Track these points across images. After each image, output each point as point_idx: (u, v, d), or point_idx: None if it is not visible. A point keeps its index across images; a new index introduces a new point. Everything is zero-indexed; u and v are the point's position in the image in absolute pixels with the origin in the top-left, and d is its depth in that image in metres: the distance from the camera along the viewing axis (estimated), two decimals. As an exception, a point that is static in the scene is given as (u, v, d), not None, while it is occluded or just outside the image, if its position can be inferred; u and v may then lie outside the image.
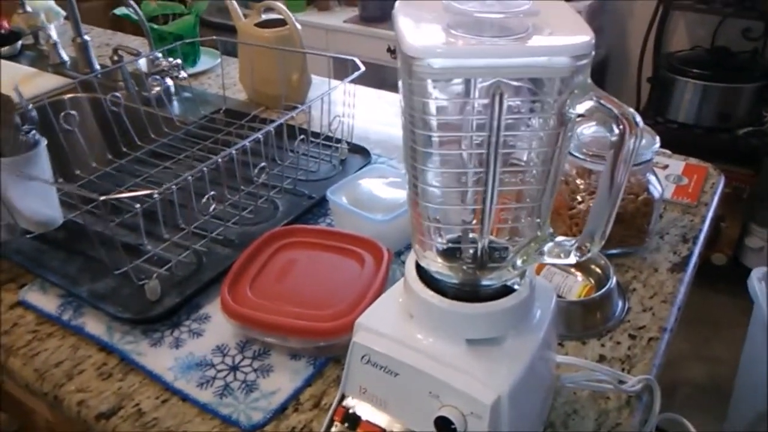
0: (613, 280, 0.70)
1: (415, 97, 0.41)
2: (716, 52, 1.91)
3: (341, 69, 0.96)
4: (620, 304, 0.71)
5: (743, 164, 1.85)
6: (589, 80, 0.40)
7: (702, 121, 1.85)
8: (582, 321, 0.68)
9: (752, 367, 1.32)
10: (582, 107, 0.40)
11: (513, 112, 0.41)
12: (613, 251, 0.77)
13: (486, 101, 0.39)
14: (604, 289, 0.69)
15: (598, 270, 0.73)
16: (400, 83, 0.43)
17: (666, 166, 0.97)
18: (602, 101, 0.39)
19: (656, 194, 0.76)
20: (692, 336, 1.86)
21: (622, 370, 0.63)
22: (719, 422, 1.45)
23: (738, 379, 1.38)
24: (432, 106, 0.42)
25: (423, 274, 0.49)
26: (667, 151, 1.00)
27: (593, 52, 0.39)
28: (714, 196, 0.91)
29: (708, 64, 1.84)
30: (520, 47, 0.39)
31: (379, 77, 2.27)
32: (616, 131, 0.39)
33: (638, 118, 0.38)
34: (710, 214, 0.87)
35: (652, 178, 0.77)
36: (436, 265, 0.48)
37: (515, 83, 0.40)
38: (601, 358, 0.65)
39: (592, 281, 0.72)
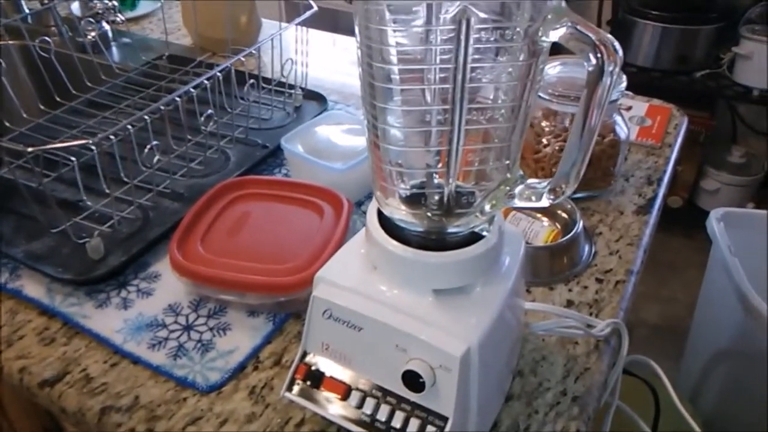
0: (580, 224, 0.68)
1: (372, 26, 0.37)
2: (675, -6, 1.89)
3: (293, 14, 0.90)
4: (587, 248, 0.70)
5: (700, 107, 1.86)
6: (564, 3, 0.36)
7: (660, 64, 1.84)
8: (549, 266, 0.66)
9: (710, 305, 1.35)
10: (556, 34, 0.36)
11: (480, 42, 0.37)
12: (579, 195, 0.76)
13: (452, 27, 0.35)
14: (571, 234, 0.67)
15: (564, 215, 0.72)
16: (354, 12, 0.38)
17: (629, 108, 0.95)
18: (578, 27, 0.35)
19: (622, 135, 0.75)
20: (647, 277, 1.89)
21: (590, 314, 0.62)
22: (673, 362, 1.49)
23: (695, 318, 1.42)
24: (390, 37, 0.38)
25: (386, 223, 0.46)
26: (630, 93, 0.98)
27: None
28: (677, 137, 0.90)
29: (667, 6, 1.82)
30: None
31: (333, 23, 2.17)
32: (593, 60, 0.35)
33: (617, 45, 0.35)
34: (674, 156, 0.86)
35: (619, 119, 0.75)
36: (400, 213, 0.45)
37: (482, 14, 0.36)
38: (569, 303, 0.63)
39: (559, 226, 0.71)
